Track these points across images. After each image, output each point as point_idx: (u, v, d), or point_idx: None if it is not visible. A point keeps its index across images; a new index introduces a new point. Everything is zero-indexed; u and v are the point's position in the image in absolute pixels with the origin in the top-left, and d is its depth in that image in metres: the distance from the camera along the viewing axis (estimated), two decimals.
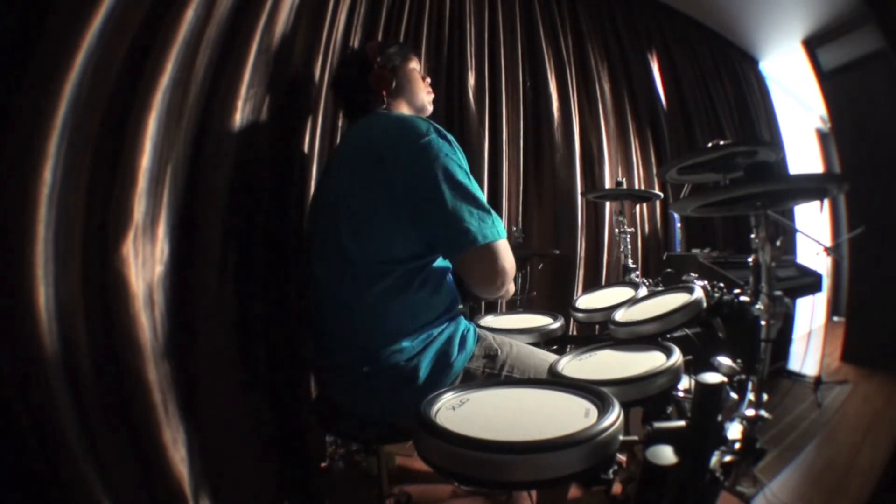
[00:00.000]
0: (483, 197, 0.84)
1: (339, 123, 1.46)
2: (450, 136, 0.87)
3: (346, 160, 0.93)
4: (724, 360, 0.85)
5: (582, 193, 2.13)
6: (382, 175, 0.83)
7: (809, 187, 0.93)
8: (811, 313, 2.64)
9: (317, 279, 0.95)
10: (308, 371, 1.23)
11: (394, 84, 1.03)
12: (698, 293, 0.98)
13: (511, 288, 0.94)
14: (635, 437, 0.59)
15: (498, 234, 0.83)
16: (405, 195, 0.83)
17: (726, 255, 2.20)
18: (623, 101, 2.51)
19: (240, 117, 1.02)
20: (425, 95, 1.11)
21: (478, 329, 0.95)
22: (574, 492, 1.26)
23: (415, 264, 0.86)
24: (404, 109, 1.06)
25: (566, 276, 2.13)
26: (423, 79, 1.12)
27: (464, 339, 0.89)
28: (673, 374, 0.75)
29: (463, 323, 0.93)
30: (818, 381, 2.07)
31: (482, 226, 0.81)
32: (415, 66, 1.10)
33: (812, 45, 2.89)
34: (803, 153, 3.63)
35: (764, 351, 0.87)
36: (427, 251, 0.87)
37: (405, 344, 0.84)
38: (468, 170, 0.86)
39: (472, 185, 0.84)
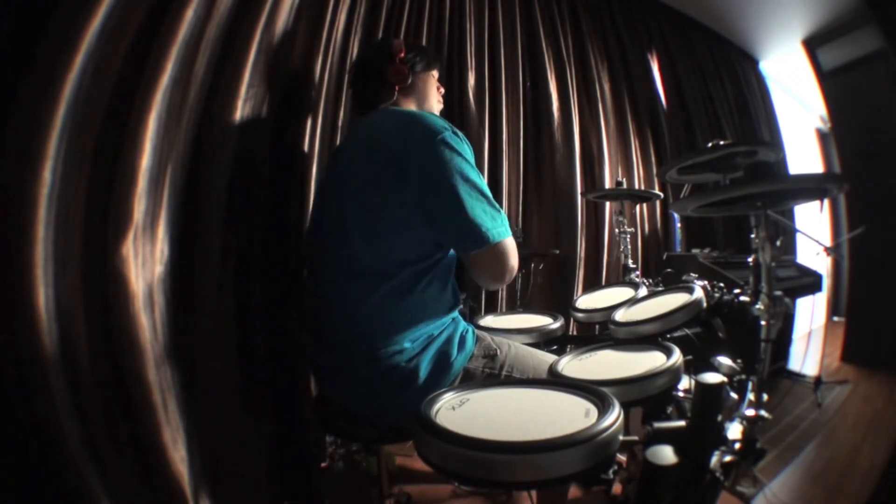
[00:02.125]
0: (491, 195, 0.85)
1: (340, 123, 1.46)
2: (460, 134, 0.86)
3: (357, 156, 0.91)
4: (724, 360, 0.85)
5: (582, 193, 2.13)
6: (396, 173, 0.83)
7: (809, 187, 0.93)
8: (811, 313, 2.63)
9: (321, 277, 0.95)
10: (308, 371, 1.23)
11: (409, 81, 1.03)
12: (698, 293, 0.98)
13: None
14: (635, 437, 0.59)
15: (507, 231, 0.84)
16: (419, 194, 0.82)
17: (726, 255, 2.20)
18: (623, 101, 2.51)
19: (240, 117, 1.02)
20: (435, 103, 1.12)
21: (476, 330, 0.95)
22: (574, 492, 1.26)
23: (422, 265, 0.86)
24: (412, 108, 1.06)
25: (566, 276, 2.13)
26: (438, 89, 1.13)
27: (463, 339, 0.89)
28: (673, 374, 0.75)
29: (462, 324, 0.94)
30: (818, 381, 2.07)
31: (495, 224, 0.82)
32: (434, 74, 1.11)
33: (812, 45, 2.89)
34: (803, 153, 3.62)
35: (764, 351, 0.87)
36: (434, 250, 0.87)
37: (406, 345, 0.83)
38: (476, 167, 0.86)
39: (483, 183, 0.84)
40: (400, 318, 0.84)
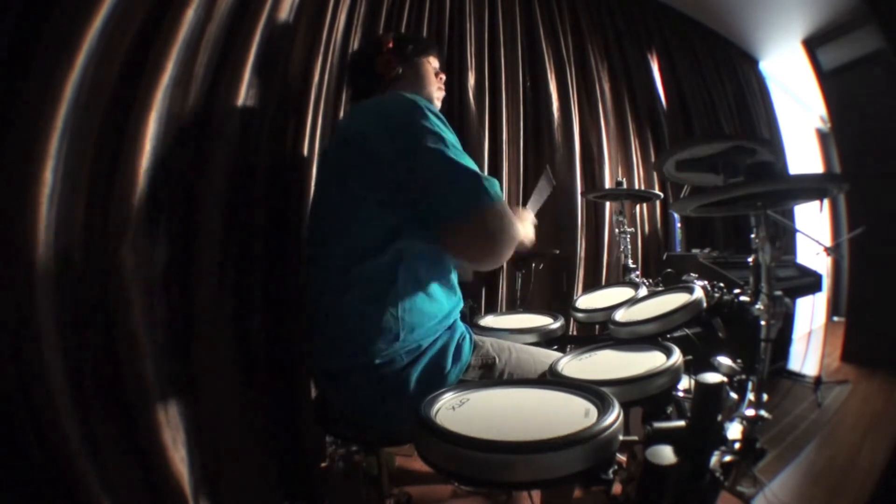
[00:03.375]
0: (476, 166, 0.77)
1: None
2: (440, 115, 0.81)
3: (330, 152, 0.91)
4: (724, 360, 0.86)
5: (582, 193, 2.13)
6: (364, 155, 0.79)
7: (809, 187, 0.93)
8: (811, 313, 2.64)
9: (311, 279, 0.93)
10: (307, 371, 1.23)
11: (399, 71, 1.00)
12: (698, 293, 0.98)
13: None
14: (635, 437, 0.59)
15: (499, 196, 0.76)
16: (390, 167, 0.76)
17: (726, 255, 2.20)
18: (623, 101, 2.51)
19: (240, 117, 1.02)
20: (434, 90, 1.07)
21: (475, 336, 0.90)
22: (574, 492, 1.25)
23: (388, 258, 0.80)
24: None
25: (566, 276, 2.12)
26: (437, 75, 1.09)
27: (458, 349, 0.84)
28: (673, 374, 0.75)
29: (459, 330, 0.88)
30: (818, 381, 2.07)
31: (479, 189, 0.73)
32: (431, 61, 1.07)
33: (812, 45, 2.89)
34: (803, 153, 3.63)
35: (764, 351, 0.87)
36: (388, 240, 0.80)
37: (392, 355, 0.79)
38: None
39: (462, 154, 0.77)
40: (379, 325, 0.78)
